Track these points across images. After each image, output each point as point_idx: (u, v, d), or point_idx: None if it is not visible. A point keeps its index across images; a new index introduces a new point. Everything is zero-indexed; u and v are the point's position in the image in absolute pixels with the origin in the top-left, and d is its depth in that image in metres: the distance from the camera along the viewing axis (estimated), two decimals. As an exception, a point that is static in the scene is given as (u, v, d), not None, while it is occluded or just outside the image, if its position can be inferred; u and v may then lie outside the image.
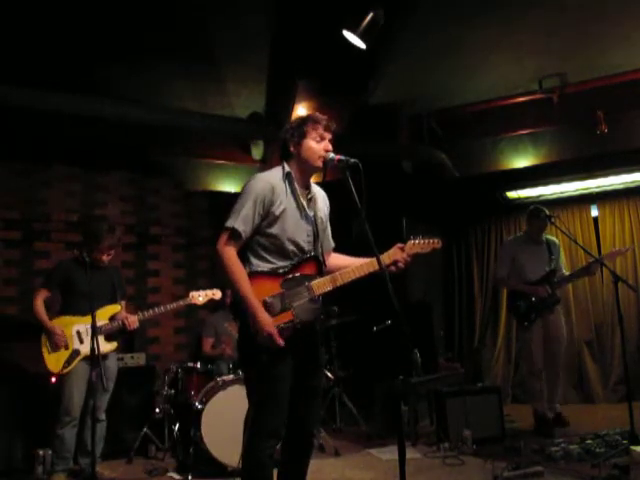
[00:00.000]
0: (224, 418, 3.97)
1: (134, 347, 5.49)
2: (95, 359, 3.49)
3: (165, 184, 6.12)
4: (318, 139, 2.55)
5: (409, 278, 6.34)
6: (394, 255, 2.62)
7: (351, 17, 4.00)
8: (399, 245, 2.67)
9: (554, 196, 6.51)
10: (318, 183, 2.76)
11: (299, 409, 2.54)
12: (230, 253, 2.45)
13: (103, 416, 4.10)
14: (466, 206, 6.76)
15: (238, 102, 5.52)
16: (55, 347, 3.97)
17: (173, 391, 4.66)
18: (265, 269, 2.50)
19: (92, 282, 3.89)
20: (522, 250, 5.06)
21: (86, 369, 3.98)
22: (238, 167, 6.52)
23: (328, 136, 2.58)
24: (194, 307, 6.03)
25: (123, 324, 4.08)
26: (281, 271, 2.51)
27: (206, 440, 4.01)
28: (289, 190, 2.55)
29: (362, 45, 4.08)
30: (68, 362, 3.97)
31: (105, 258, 4.16)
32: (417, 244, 2.72)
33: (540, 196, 6.51)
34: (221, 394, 4.12)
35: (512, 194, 6.61)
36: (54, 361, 3.96)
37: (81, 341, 4.03)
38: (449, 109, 6.10)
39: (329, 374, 5.15)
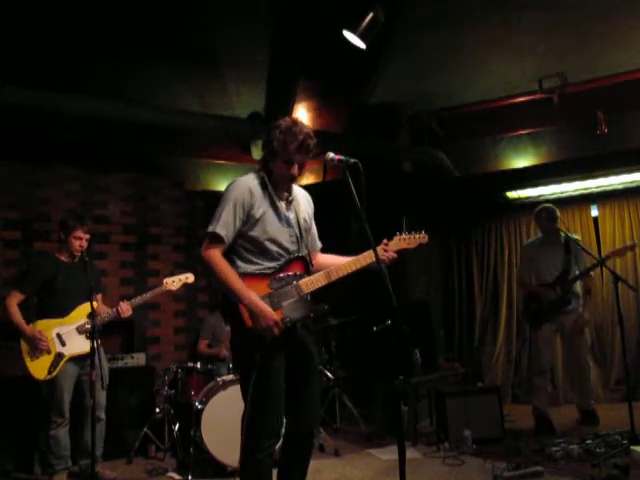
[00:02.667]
0: (224, 418, 3.96)
1: (134, 347, 5.49)
2: (92, 359, 3.48)
3: (165, 184, 6.11)
4: (288, 162, 2.52)
5: (409, 278, 6.33)
6: (380, 251, 2.60)
7: (351, 17, 4.00)
8: (385, 241, 2.67)
9: (554, 196, 6.49)
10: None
11: (298, 409, 2.53)
12: (215, 254, 2.46)
13: (103, 415, 4.08)
14: (466, 206, 6.75)
15: (238, 102, 5.52)
16: (38, 352, 3.84)
17: (173, 391, 4.65)
18: (252, 270, 2.51)
19: (73, 280, 3.89)
20: (538, 252, 5.10)
21: (74, 369, 3.97)
22: (238, 167, 6.53)
23: (300, 159, 2.53)
24: (194, 307, 6.09)
25: (117, 313, 3.99)
26: (268, 272, 2.52)
27: (206, 440, 4.01)
28: (266, 194, 2.56)
29: (362, 45, 4.09)
30: (53, 366, 3.87)
31: (80, 245, 4.02)
32: (403, 239, 2.72)
33: (540, 196, 6.50)
34: (221, 394, 4.12)
35: (512, 194, 6.60)
36: (38, 368, 3.85)
37: (63, 343, 3.92)
38: (449, 109, 6.11)
39: (329, 374, 5.14)
